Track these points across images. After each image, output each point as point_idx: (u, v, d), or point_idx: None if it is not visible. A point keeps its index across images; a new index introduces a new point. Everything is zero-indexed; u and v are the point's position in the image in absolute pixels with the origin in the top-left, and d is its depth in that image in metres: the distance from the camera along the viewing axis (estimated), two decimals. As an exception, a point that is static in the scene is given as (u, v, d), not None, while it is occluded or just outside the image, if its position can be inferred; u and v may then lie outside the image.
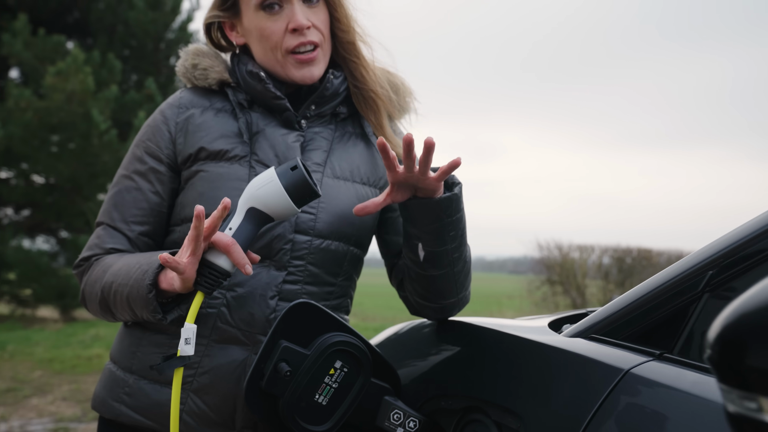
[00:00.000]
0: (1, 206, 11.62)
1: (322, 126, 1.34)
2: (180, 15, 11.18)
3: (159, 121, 1.31)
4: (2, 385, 6.47)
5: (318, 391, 1.12)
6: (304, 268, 1.26)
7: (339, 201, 1.29)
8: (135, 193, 1.29)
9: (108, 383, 1.31)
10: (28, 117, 9.23)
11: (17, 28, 9.43)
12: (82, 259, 1.30)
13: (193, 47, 1.38)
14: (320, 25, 1.29)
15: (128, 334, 1.32)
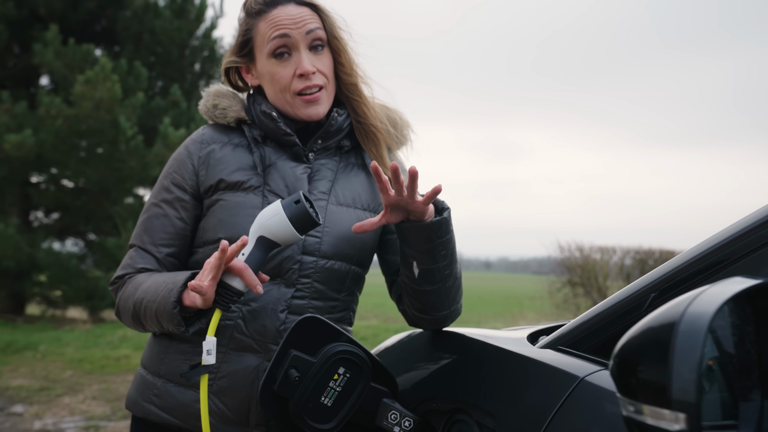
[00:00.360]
0: (32, 210, 11.94)
1: (327, 158, 1.50)
2: (204, 23, 11.41)
3: (184, 155, 1.48)
4: (36, 384, 6.71)
5: (324, 394, 1.28)
6: (311, 285, 1.42)
7: (342, 225, 1.44)
8: (163, 219, 1.45)
9: (139, 386, 1.48)
10: (58, 124, 9.49)
11: (48, 38, 9.69)
12: (117, 277, 1.47)
13: (213, 89, 1.54)
14: (324, 69, 1.45)
15: (157, 343, 1.48)
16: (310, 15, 1.44)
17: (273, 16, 1.42)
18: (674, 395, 0.66)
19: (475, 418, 1.23)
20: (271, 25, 1.42)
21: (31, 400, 6.15)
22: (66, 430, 5.18)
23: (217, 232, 1.41)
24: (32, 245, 10.45)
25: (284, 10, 1.43)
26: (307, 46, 1.43)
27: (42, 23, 10.53)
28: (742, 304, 0.78)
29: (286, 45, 1.42)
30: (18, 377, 7.10)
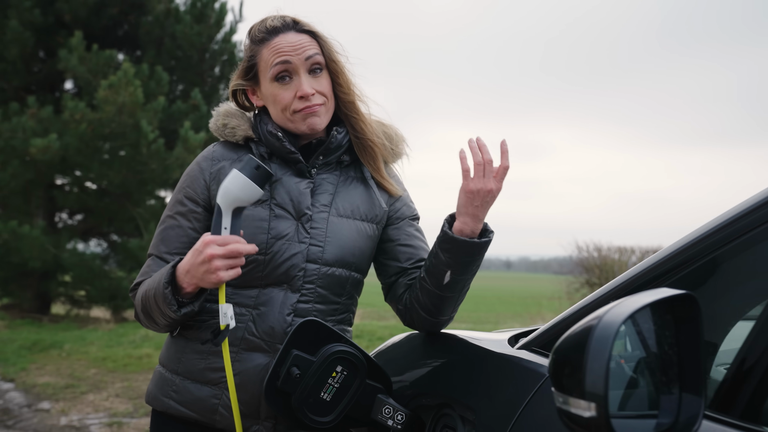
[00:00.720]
0: (57, 211, 12.22)
1: (328, 172, 1.62)
2: (224, 27, 11.60)
3: (197, 171, 1.60)
4: (62, 382, 6.92)
5: (323, 390, 1.40)
6: (314, 290, 1.54)
7: (342, 235, 1.57)
8: (177, 230, 1.58)
9: (159, 382, 1.60)
10: (82, 128, 9.73)
11: (73, 44, 9.93)
12: (136, 284, 1.60)
13: (223, 109, 1.66)
14: (323, 89, 1.57)
15: (174, 343, 1.61)
16: (309, 41, 1.56)
17: (275, 44, 1.55)
18: (587, 388, 0.79)
19: (458, 412, 1.35)
20: (273, 51, 1.54)
21: (57, 397, 6.35)
22: (90, 427, 5.36)
23: None
24: (57, 246, 10.70)
25: (285, 38, 1.55)
26: (307, 70, 1.55)
27: (67, 29, 10.79)
28: (664, 311, 0.90)
29: (287, 70, 1.54)
30: (44, 375, 7.32)
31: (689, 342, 0.89)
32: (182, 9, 11.34)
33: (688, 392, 0.89)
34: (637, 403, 0.90)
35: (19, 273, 11.52)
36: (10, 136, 9.83)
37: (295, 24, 1.58)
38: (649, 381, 0.92)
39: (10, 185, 10.64)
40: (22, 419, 5.66)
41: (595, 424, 0.79)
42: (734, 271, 1.03)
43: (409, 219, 1.71)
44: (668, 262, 1.07)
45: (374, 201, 1.64)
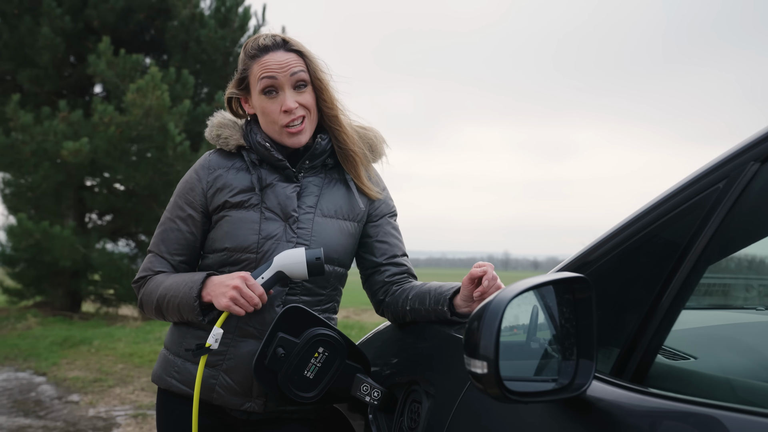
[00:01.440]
0: (86, 212, 12.55)
1: (314, 176, 1.77)
2: (247, 31, 11.82)
3: (195, 180, 1.76)
4: (90, 376, 7.16)
5: (306, 369, 1.56)
6: (301, 284, 1.70)
7: (326, 234, 1.72)
8: (176, 233, 1.74)
9: (163, 364, 1.78)
10: (110, 131, 10.00)
11: (101, 49, 10.20)
12: (140, 277, 1.77)
13: (216, 120, 1.81)
14: (306, 103, 1.71)
15: (177, 330, 1.78)
16: (296, 60, 1.70)
17: (264, 61, 1.69)
18: (480, 351, 0.97)
19: (424, 388, 1.52)
20: (262, 68, 1.69)
21: (86, 390, 6.58)
22: (116, 418, 5.56)
23: (224, 242, 1.70)
24: (87, 246, 10.99)
25: (274, 56, 1.69)
26: (291, 85, 1.69)
27: (96, 35, 11.08)
28: (564, 290, 1.08)
29: (273, 85, 1.69)
30: (74, 369, 7.57)
31: (585, 316, 1.05)
32: (207, 14, 11.59)
33: (584, 358, 1.05)
34: (549, 371, 1.06)
35: (50, 272, 11.87)
36: (42, 139, 10.13)
37: (285, 43, 1.72)
38: (558, 351, 1.07)
39: (42, 187, 10.96)
40: (53, 410, 5.88)
41: (486, 379, 0.96)
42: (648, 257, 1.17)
43: (387, 217, 1.86)
44: (594, 251, 1.21)
45: (353, 202, 1.79)
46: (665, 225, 1.09)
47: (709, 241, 1.00)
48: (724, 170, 1.02)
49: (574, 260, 1.25)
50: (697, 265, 1.00)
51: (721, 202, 1.00)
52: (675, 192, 1.08)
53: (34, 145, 10.15)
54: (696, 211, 1.03)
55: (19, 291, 12.88)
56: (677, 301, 1.01)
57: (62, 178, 10.83)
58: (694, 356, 1.22)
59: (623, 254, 1.16)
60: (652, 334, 1.03)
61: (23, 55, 11.23)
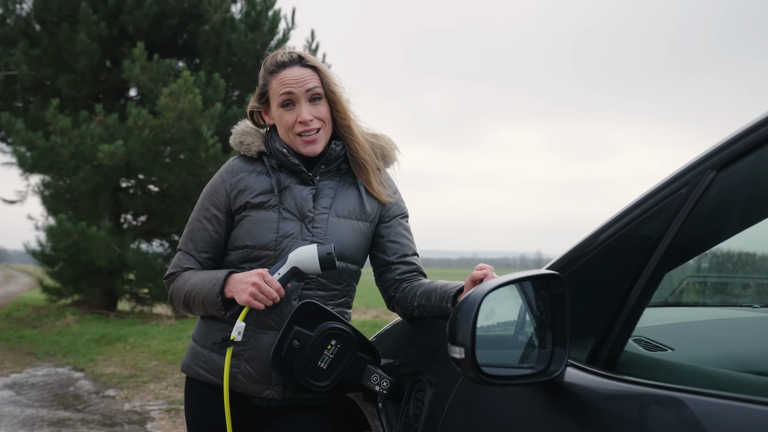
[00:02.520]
0: (122, 213, 12.88)
1: (329, 179, 1.91)
2: (277, 35, 12.03)
3: (219, 183, 1.91)
4: (126, 372, 7.40)
5: (320, 360, 1.68)
6: (316, 279, 1.83)
7: (340, 233, 1.86)
8: (203, 232, 1.90)
9: (191, 354, 1.93)
10: (144, 134, 10.28)
11: (135, 54, 10.49)
12: (169, 274, 1.93)
13: (240, 128, 1.96)
14: (320, 115, 1.85)
15: (203, 323, 1.93)
16: (311, 75, 1.84)
17: (282, 76, 1.84)
18: (458, 338, 1.08)
19: (427, 377, 1.64)
20: (280, 83, 1.84)
21: (122, 385, 6.81)
22: (150, 412, 5.77)
23: (245, 240, 1.84)
24: (122, 246, 11.29)
25: (291, 71, 1.84)
26: (307, 99, 1.84)
27: (130, 40, 11.39)
28: (541, 286, 1.18)
29: (290, 99, 1.83)
30: (110, 365, 7.83)
31: (559, 309, 1.16)
32: (237, 18, 11.80)
33: (558, 346, 1.16)
34: (530, 359, 1.18)
35: (88, 271, 12.22)
36: (79, 142, 10.45)
37: (301, 59, 1.86)
38: (536, 341, 1.18)
39: (80, 189, 11.30)
40: (91, 404, 6.12)
41: (464, 363, 1.07)
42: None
43: (398, 218, 1.99)
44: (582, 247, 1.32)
45: (365, 204, 1.92)
46: (637, 226, 1.19)
47: (671, 242, 1.10)
48: (686, 177, 1.12)
49: (558, 260, 1.36)
50: (660, 263, 1.11)
51: (683, 206, 1.10)
52: (646, 197, 1.18)
53: (72, 148, 10.47)
54: (662, 214, 1.14)
55: (59, 290, 13.27)
56: (643, 297, 1.11)
57: (99, 180, 11.14)
58: (672, 348, 1.32)
59: (600, 254, 1.27)
60: (621, 325, 1.13)
61: (62, 61, 11.59)
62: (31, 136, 10.66)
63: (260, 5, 11.83)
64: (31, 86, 12.04)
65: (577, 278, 1.28)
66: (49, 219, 13.06)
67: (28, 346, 9.55)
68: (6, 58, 11.60)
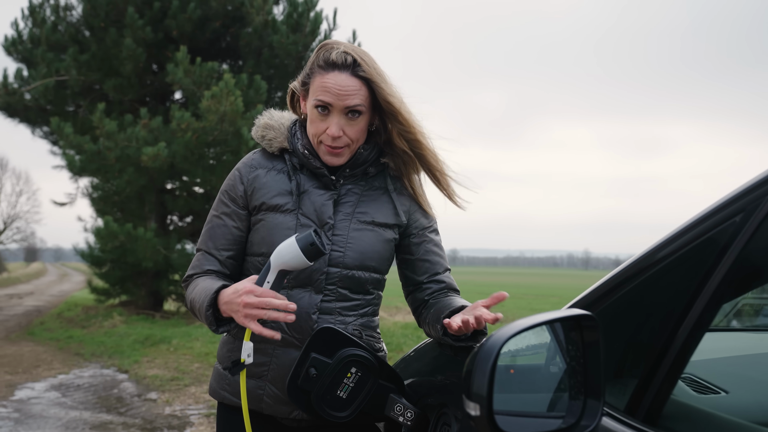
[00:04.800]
0: (167, 214, 13.05)
1: (354, 183, 1.77)
2: (318, 35, 12.00)
3: (236, 177, 1.78)
4: (168, 375, 7.45)
5: (339, 389, 1.56)
6: (336, 290, 1.71)
7: (362, 242, 1.72)
8: (223, 229, 1.77)
9: (216, 377, 1.83)
10: (187, 136, 10.38)
11: (179, 58, 10.61)
12: (188, 276, 1.80)
13: (263, 121, 1.82)
14: (352, 135, 1.69)
15: (225, 343, 1.82)
16: (358, 88, 1.65)
17: (327, 79, 1.65)
18: (473, 391, 0.96)
19: (452, 412, 1.50)
20: (321, 85, 1.65)
21: (164, 388, 6.85)
22: (190, 417, 5.77)
23: (261, 247, 1.72)
24: (167, 247, 11.44)
25: (337, 78, 1.64)
26: (344, 113, 1.67)
27: (174, 44, 11.52)
28: (571, 327, 1.03)
29: (326, 107, 1.67)
30: (154, 368, 7.90)
31: (593, 355, 1.00)
32: (279, 20, 11.83)
33: (591, 398, 1.01)
34: (559, 408, 1.02)
35: (134, 272, 12.42)
36: (125, 145, 10.62)
37: (355, 66, 1.65)
38: (567, 388, 1.04)
39: (126, 191, 11.49)
40: (133, 407, 6.16)
41: (480, 421, 0.94)
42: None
43: (427, 231, 1.83)
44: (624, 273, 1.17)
45: (394, 210, 1.78)
46: (681, 260, 1.05)
47: (724, 277, 0.96)
48: (740, 203, 0.97)
49: (592, 291, 1.21)
50: (711, 301, 0.96)
51: (737, 236, 0.95)
52: (690, 226, 1.04)
53: (118, 151, 10.65)
54: (711, 246, 0.99)
55: (106, 290, 13.53)
56: (690, 340, 0.97)
57: (144, 182, 11.31)
58: (725, 390, 1.17)
59: (641, 287, 1.13)
60: (665, 371, 0.99)
61: (109, 65, 11.81)
62: (80, 140, 10.88)
63: (302, 6, 11.83)
64: (80, 91, 12.30)
65: (614, 312, 1.14)
66: (97, 221, 13.31)
67: (76, 346, 9.74)
68: (57, 63, 11.87)
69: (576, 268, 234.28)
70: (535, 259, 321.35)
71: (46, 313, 14.90)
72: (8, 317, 14.25)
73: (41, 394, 6.72)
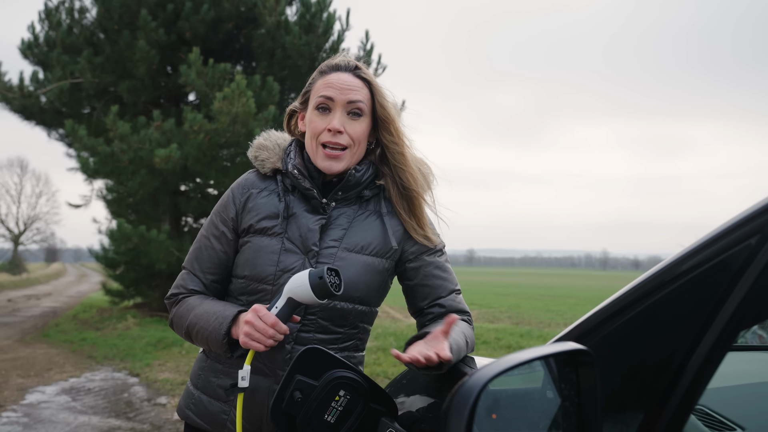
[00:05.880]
0: (181, 216, 13.05)
1: (347, 206, 1.69)
2: (331, 36, 11.93)
3: (229, 198, 1.72)
4: (179, 379, 7.40)
5: (327, 413, 1.46)
6: (316, 321, 1.62)
7: (348, 270, 1.63)
8: (210, 251, 1.71)
9: (184, 395, 1.76)
10: (200, 138, 10.35)
11: (191, 59, 10.57)
12: (172, 294, 1.74)
13: (258, 141, 1.77)
14: (353, 134, 1.64)
15: (199, 361, 1.75)
16: (360, 87, 1.66)
17: (329, 79, 1.66)
18: None
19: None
20: (324, 84, 1.66)
21: (174, 392, 6.81)
22: (199, 422, 5.72)
23: (244, 270, 1.65)
24: (180, 249, 11.41)
25: (340, 76, 1.66)
26: (346, 110, 1.64)
27: (188, 46, 11.49)
28: (565, 363, 0.91)
29: (327, 104, 1.64)
30: (165, 371, 7.86)
31: (589, 394, 0.89)
32: (292, 21, 11.77)
33: None
34: None
35: (148, 274, 12.43)
36: (138, 147, 10.62)
37: (356, 68, 1.68)
38: (558, 430, 0.93)
39: (140, 193, 11.49)
40: (142, 412, 6.12)
41: None
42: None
43: (425, 255, 1.73)
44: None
45: (388, 236, 1.69)
46: (689, 284, 0.94)
47: (739, 305, 0.85)
48: (756, 224, 0.86)
49: (588, 319, 1.10)
50: (723, 333, 0.86)
51: (753, 260, 0.85)
52: (699, 248, 0.93)
53: (131, 153, 10.65)
54: (723, 272, 0.89)
55: (121, 292, 13.57)
56: (698, 380, 0.86)
57: (157, 184, 11.31)
58: (742, 426, 1.06)
59: (643, 315, 1.02)
60: (675, 405, 0.88)
61: (123, 68, 11.82)
62: (94, 142, 10.90)
63: (314, 7, 11.76)
64: (95, 93, 12.33)
65: (615, 340, 1.03)
66: (112, 222, 13.34)
67: (89, 349, 9.75)
68: (72, 66, 11.90)
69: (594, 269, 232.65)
70: (552, 260, 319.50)
71: (62, 314, 14.98)
72: (25, 318, 14.34)
73: (51, 398, 6.70)
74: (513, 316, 17.78)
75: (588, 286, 46.72)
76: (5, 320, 13.88)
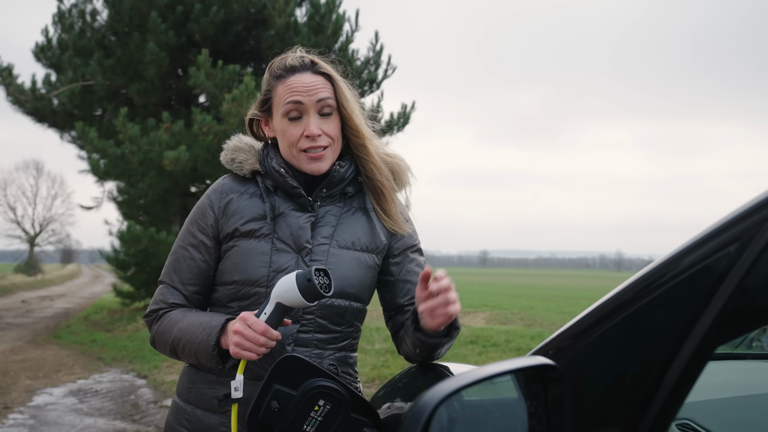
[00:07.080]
0: (192, 218, 13.07)
1: (332, 204, 1.64)
2: (341, 37, 11.93)
3: (206, 205, 1.66)
4: (185, 380, 7.41)
5: (306, 423, 1.41)
6: (314, 320, 1.57)
7: (342, 267, 1.58)
8: (189, 261, 1.64)
9: (173, 412, 1.68)
10: (208, 140, 10.36)
11: (200, 61, 10.59)
12: (151, 311, 1.67)
13: (232, 144, 1.71)
14: (330, 132, 1.59)
15: (186, 374, 1.68)
16: (323, 84, 1.60)
17: (290, 82, 1.59)
18: None
19: None
20: (287, 89, 1.58)
21: (180, 394, 6.81)
22: (204, 425, 5.71)
23: (233, 275, 1.59)
24: (190, 251, 11.43)
25: (301, 77, 1.59)
26: (317, 111, 1.58)
27: (197, 48, 11.52)
28: (532, 379, 0.86)
29: (298, 109, 1.57)
30: (173, 373, 7.86)
31: (556, 412, 0.84)
32: (301, 22, 11.76)
33: None
34: None
35: (158, 276, 12.44)
36: (148, 149, 10.65)
37: (313, 65, 1.62)
38: None
39: (149, 194, 11.52)
40: (148, 415, 6.11)
41: None
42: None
43: (409, 252, 1.71)
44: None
45: (375, 232, 1.66)
46: (667, 294, 0.88)
47: (719, 313, 0.80)
48: (736, 231, 0.81)
49: (564, 332, 1.05)
50: (702, 343, 0.81)
51: (733, 268, 0.79)
52: (678, 255, 0.87)
53: (141, 155, 10.68)
54: (703, 279, 0.83)
55: (131, 294, 13.61)
56: (676, 392, 0.81)
57: (167, 185, 11.33)
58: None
59: (617, 328, 0.96)
60: (647, 427, 0.83)
61: (133, 70, 11.87)
62: (104, 145, 10.94)
63: (324, 8, 11.75)
64: (106, 95, 12.39)
65: (592, 353, 0.98)
66: (123, 224, 13.39)
67: (99, 350, 9.78)
68: (83, 68, 11.97)
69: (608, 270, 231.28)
70: (566, 261, 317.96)
71: (74, 315, 15.06)
72: (37, 320, 14.44)
73: (59, 399, 6.72)
74: (525, 317, 17.65)
75: (602, 287, 46.39)
76: (18, 321, 13.98)
